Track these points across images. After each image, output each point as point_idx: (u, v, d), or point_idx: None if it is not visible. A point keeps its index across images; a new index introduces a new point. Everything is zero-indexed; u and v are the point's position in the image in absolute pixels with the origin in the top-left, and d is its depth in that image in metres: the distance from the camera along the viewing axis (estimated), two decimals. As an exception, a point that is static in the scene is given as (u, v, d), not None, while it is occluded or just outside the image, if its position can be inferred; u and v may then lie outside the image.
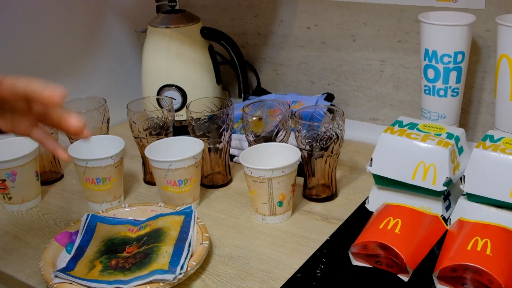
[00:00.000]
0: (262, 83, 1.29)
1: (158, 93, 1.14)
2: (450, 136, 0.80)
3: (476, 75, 1.02)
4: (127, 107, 0.96)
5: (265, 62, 1.28)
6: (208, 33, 1.15)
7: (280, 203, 0.83)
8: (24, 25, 1.06)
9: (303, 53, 1.21)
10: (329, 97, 1.15)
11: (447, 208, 0.81)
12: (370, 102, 1.16)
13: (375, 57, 1.12)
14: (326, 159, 0.87)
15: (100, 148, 0.92)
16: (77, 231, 0.81)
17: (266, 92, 1.24)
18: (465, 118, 1.05)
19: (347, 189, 0.93)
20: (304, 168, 0.89)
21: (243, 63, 1.17)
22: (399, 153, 0.80)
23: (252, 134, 0.92)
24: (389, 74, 1.12)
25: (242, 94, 1.19)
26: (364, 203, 0.88)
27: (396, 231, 0.70)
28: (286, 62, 1.25)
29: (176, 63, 1.14)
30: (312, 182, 0.90)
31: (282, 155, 0.86)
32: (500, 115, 0.92)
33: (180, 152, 0.88)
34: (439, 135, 0.81)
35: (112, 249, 0.77)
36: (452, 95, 0.95)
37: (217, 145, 0.94)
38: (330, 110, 0.92)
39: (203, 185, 0.95)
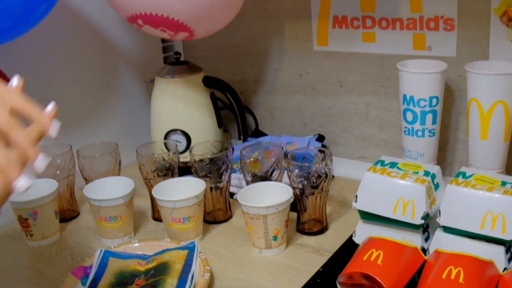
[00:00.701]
0: (260, 125, 1.33)
1: (165, 136, 1.18)
2: (426, 173, 0.84)
3: (451, 116, 1.06)
4: (136, 151, 0.99)
5: (262, 107, 1.32)
6: (210, 82, 1.19)
7: (275, 238, 0.86)
8: (44, 76, 1.10)
9: (296, 98, 1.25)
10: (320, 138, 1.18)
11: (426, 239, 0.84)
12: (357, 142, 1.20)
13: (360, 101, 1.16)
14: (317, 196, 0.90)
15: (113, 189, 0.95)
16: (92, 265, 0.83)
17: (263, 134, 1.27)
18: (443, 156, 1.08)
19: (337, 222, 0.96)
20: (297, 204, 0.92)
21: (241, 108, 1.21)
22: (381, 190, 0.83)
23: (250, 174, 0.95)
24: (373, 116, 1.16)
25: (242, 136, 1.22)
26: (351, 236, 0.90)
27: (379, 262, 0.73)
28: (281, 107, 1.29)
29: (181, 109, 1.18)
30: (304, 217, 0.93)
31: (277, 193, 0.89)
32: (472, 152, 0.95)
33: (184, 191, 0.91)
34: (417, 172, 0.84)
35: (123, 281, 0.80)
36: (429, 135, 0.98)
37: (218, 184, 0.97)
38: (320, 151, 0.96)
39: (205, 221, 0.97)
